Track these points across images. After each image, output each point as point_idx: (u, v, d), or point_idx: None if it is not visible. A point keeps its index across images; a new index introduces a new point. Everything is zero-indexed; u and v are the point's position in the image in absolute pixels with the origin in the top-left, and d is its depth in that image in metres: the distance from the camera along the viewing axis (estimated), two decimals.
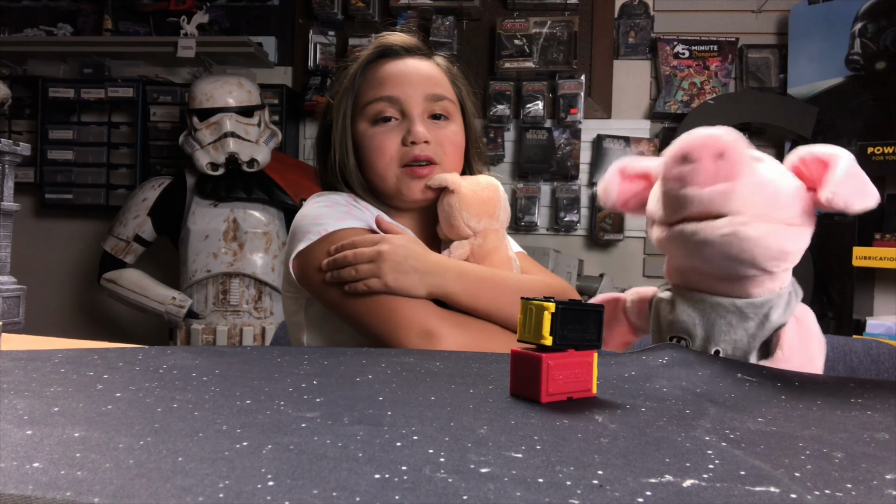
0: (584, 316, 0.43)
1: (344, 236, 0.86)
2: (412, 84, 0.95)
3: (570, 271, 2.61)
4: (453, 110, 0.98)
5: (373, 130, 0.95)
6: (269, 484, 0.27)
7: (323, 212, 0.90)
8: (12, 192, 1.07)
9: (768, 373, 0.53)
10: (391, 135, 0.94)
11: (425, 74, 0.98)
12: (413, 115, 0.94)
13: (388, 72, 0.97)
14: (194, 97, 2.50)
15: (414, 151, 0.93)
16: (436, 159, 0.94)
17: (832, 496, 0.28)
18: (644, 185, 0.66)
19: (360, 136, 0.96)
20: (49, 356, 0.50)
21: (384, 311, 0.82)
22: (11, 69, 3.07)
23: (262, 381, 0.44)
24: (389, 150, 0.93)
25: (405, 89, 0.95)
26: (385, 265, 0.82)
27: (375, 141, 0.94)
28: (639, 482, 0.29)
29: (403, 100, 0.94)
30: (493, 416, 0.38)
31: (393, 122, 0.95)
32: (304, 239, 0.88)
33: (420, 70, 0.98)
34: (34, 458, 0.29)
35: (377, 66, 0.98)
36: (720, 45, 2.75)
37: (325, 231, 0.87)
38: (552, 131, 2.81)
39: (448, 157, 0.96)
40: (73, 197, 3.02)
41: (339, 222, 0.88)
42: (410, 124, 0.94)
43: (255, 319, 2.52)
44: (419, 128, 0.93)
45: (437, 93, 0.96)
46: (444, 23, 2.80)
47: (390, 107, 0.94)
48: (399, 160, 0.93)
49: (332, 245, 0.86)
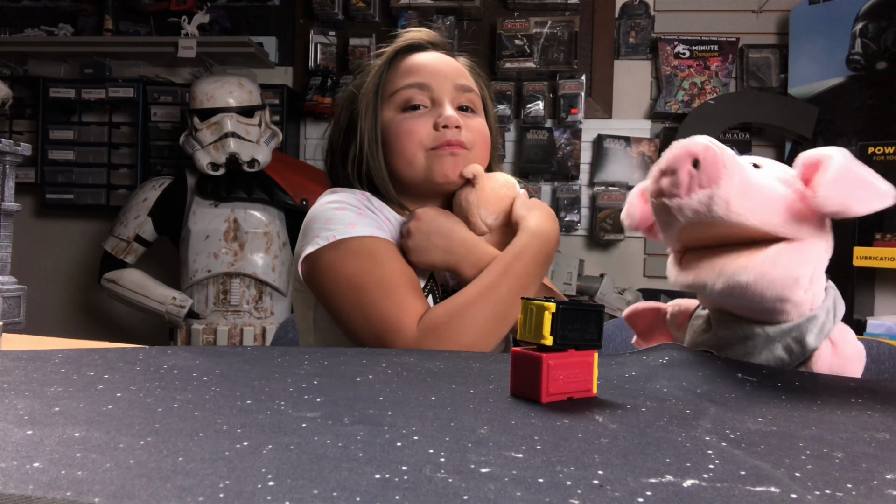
0: (584, 316, 0.43)
1: (353, 245, 0.86)
2: (442, 73, 0.96)
3: (570, 271, 2.61)
4: (479, 105, 0.99)
5: (401, 116, 0.94)
6: (270, 484, 0.27)
7: (333, 215, 0.89)
8: (13, 192, 1.08)
9: (768, 373, 0.53)
10: (422, 120, 0.93)
11: (454, 66, 0.98)
12: (444, 102, 0.94)
13: (416, 61, 0.97)
14: (195, 97, 2.50)
15: (446, 136, 0.92)
16: (468, 145, 0.93)
17: (832, 496, 0.28)
18: None
19: (388, 123, 0.95)
20: (49, 356, 0.50)
21: (375, 321, 0.82)
22: (12, 69, 3.08)
23: (263, 381, 0.44)
24: (420, 134, 0.92)
25: (436, 77, 0.95)
26: (411, 242, 0.86)
27: (405, 125, 0.93)
28: (639, 482, 0.29)
29: (434, 87, 0.94)
30: (493, 416, 0.38)
31: (422, 108, 0.94)
32: (312, 242, 0.87)
33: (448, 61, 0.99)
34: (34, 458, 0.29)
35: (405, 58, 0.98)
36: (721, 45, 2.75)
37: (333, 237, 0.86)
38: (553, 131, 2.81)
39: (478, 146, 0.95)
40: (73, 197, 3.02)
41: (349, 228, 0.87)
42: (441, 109, 0.93)
43: (255, 319, 2.52)
44: (451, 112, 0.93)
45: (466, 84, 0.97)
46: (445, 23, 2.80)
47: (420, 93, 0.94)
48: (429, 143, 0.92)
49: (343, 251, 0.86)
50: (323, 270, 0.87)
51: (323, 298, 0.89)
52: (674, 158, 0.54)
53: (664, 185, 0.55)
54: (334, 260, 0.86)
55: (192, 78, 2.91)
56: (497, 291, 0.82)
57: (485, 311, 0.81)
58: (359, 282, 0.84)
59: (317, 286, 0.89)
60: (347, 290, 0.84)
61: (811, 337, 0.57)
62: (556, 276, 2.59)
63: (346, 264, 0.85)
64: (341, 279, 0.85)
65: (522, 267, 0.84)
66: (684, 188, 0.53)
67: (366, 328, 0.83)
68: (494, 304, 0.81)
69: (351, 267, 0.85)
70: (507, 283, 0.83)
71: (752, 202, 0.53)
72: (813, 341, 0.57)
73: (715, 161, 0.52)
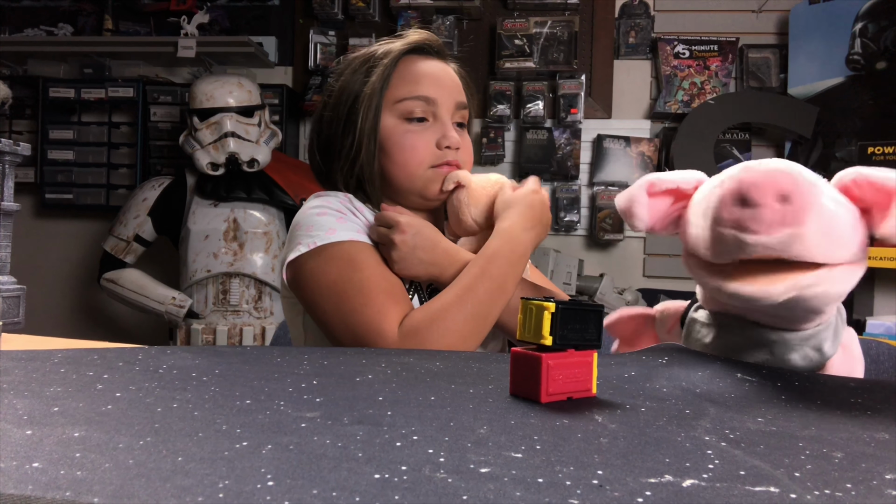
0: (584, 316, 0.43)
1: (333, 251, 0.87)
2: (447, 89, 0.97)
3: (570, 271, 2.61)
4: (467, 119, 1.02)
5: (405, 128, 0.95)
6: (269, 484, 0.27)
7: (315, 220, 0.90)
8: (12, 192, 1.07)
9: (768, 373, 0.53)
10: (425, 135, 0.95)
11: (455, 80, 1.00)
12: (446, 121, 0.96)
13: (423, 70, 0.97)
14: (194, 97, 2.50)
15: (448, 156, 0.95)
16: (461, 164, 0.97)
17: (832, 496, 0.28)
18: (672, 202, 0.61)
19: (389, 131, 0.95)
20: (49, 356, 0.50)
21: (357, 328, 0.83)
22: (12, 69, 3.08)
23: (262, 381, 0.44)
24: (423, 151, 0.94)
25: (441, 92, 0.96)
26: (394, 253, 0.87)
27: (409, 140, 0.94)
28: (639, 482, 0.29)
29: (439, 102, 0.96)
30: (493, 416, 0.38)
31: (426, 122, 0.96)
32: (294, 248, 0.89)
33: (451, 75, 1.00)
34: (34, 458, 0.29)
35: (410, 62, 0.98)
36: (720, 44, 2.75)
37: (314, 244, 0.87)
38: (552, 131, 2.81)
39: (466, 164, 0.99)
40: (73, 197, 3.02)
41: (329, 234, 0.88)
42: (445, 129, 0.95)
43: (255, 319, 2.52)
44: (454, 133, 0.96)
45: (463, 101, 0.99)
46: (445, 23, 2.80)
47: (425, 107, 0.95)
48: (431, 161, 0.95)
49: (323, 258, 0.87)
50: (305, 277, 0.88)
51: (306, 305, 0.91)
52: (756, 188, 0.49)
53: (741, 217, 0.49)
54: (315, 267, 0.87)
55: (192, 78, 2.91)
56: (474, 293, 0.83)
57: (463, 313, 0.82)
58: (339, 289, 0.85)
59: (300, 293, 0.90)
60: (329, 297, 0.86)
61: (828, 344, 0.56)
62: (556, 276, 2.59)
63: (327, 270, 0.86)
64: (322, 286, 0.86)
65: (497, 268, 0.85)
66: (766, 225, 0.48)
67: (348, 334, 0.84)
68: (472, 307, 0.82)
69: (331, 273, 0.86)
70: (484, 285, 0.84)
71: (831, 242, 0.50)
72: (829, 348, 0.56)
73: (806, 199, 0.48)
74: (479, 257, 0.87)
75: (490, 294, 0.84)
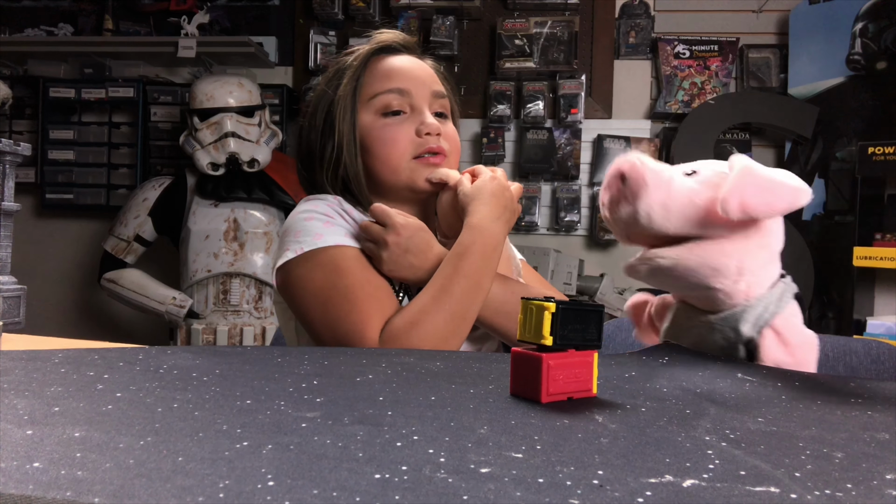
0: (584, 316, 0.43)
1: (319, 256, 0.87)
2: (419, 79, 0.96)
3: (570, 271, 2.61)
4: (449, 110, 1.00)
5: (383, 122, 0.94)
6: (269, 484, 0.27)
7: (303, 226, 0.90)
8: (13, 192, 1.08)
9: (768, 373, 0.53)
10: (403, 127, 0.94)
11: (428, 72, 0.99)
12: (423, 109, 0.95)
13: (393, 65, 0.97)
14: (195, 97, 2.50)
15: (429, 143, 0.93)
16: (446, 151, 0.95)
17: (832, 496, 0.28)
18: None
19: (367, 128, 0.95)
20: (49, 356, 0.50)
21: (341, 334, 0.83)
22: (12, 69, 3.08)
23: (263, 381, 0.44)
24: (403, 141, 0.93)
25: (414, 83, 0.95)
26: (385, 254, 0.86)
27: (388, 132, 0.94)
28: (639, 482, 0.29)
29: (414, 93, 0.95)
30: (493, 416, 0.38)
31: (402, 115, 0.95)
32: (282, 254, 0.89)
33: (423, 67, 0.99)
34: (34, 457, 0.29)
35: (380, 60, 0.98)
36: (721, 44, 2.75)
37: (301, 249, 0.87)
38: (553, 131, 2.81)
39: (453, 153, 0.97)
40: (73, 197, 3.02)
41: (316, 239, 0.88)
42: (422, 117, 0.94)
43: (255, 319, 2.52)
44: (433, 119, 0.94)
45: (440, 90, 0.98)
46: (445, 23, 2.80)
47: (400, 99, 0.94)
48: (412, 151, 0.93)
49: (310, 264, 0.87)
50: (293, 283, 0.88)
51: (294, 310, 0.91)
52: (608, 175, 0.63)
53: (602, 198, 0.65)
54: (301, 273, 0.87)
55: (192, 78, 2.91)
56: (450, 293, 0.83)
57: (442, 314, 0.81)
58: (325, 296, 0.85)
59: (288, 298, 0.91)
60: (315, 304, 0.86)
61: (746, 326, 0.61)
62: (556, 276, 2.59)
63: (313, 277, 0.86)
64: (308, 293, 0.86)
65: (470, 265, 0.84)
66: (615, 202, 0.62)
67: (332, 341, 0.84)
68: (449, 306, 0.82)
69: (317, 280, 0.86)
70: (459, 284, 0.83)
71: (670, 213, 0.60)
72: (748, 330, 0.61)
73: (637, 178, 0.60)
74: (452, 255, 0.86)
75: (466, 292, 0.83)
